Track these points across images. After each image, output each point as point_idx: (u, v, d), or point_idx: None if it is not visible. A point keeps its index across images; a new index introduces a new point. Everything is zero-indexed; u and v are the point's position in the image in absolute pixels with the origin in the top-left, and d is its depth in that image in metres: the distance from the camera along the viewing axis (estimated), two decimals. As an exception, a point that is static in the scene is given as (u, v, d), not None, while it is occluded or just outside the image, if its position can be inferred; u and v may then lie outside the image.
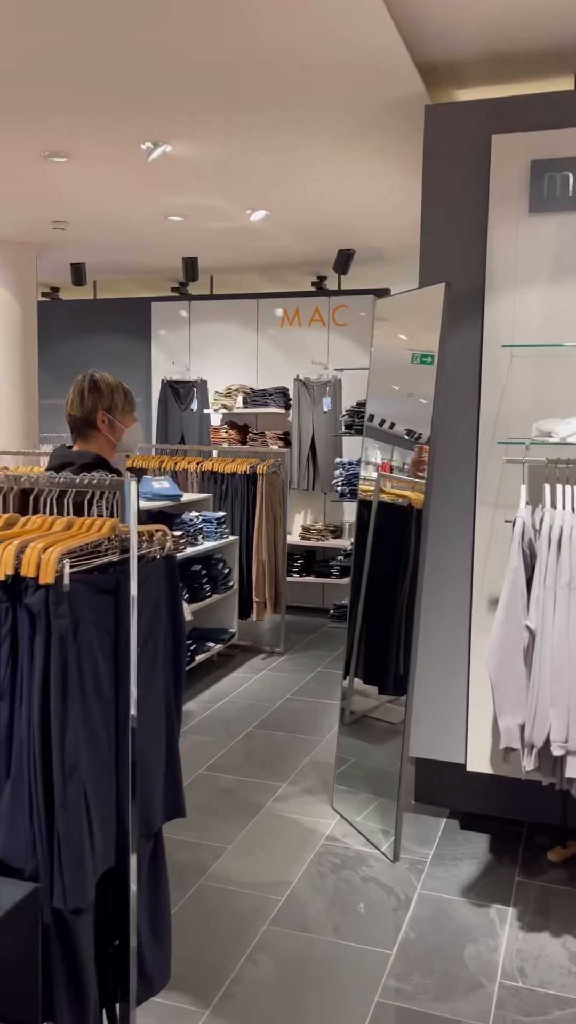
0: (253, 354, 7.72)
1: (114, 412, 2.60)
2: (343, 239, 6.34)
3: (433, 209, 3.39)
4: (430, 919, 2.88)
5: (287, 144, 4.24)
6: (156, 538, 1.84)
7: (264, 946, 2.72)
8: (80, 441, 2.63)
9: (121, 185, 4.92)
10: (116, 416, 2.60)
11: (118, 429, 2.62)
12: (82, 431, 2.62)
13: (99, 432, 2.60)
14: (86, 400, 2.58)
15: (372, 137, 4.12)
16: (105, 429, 2.60)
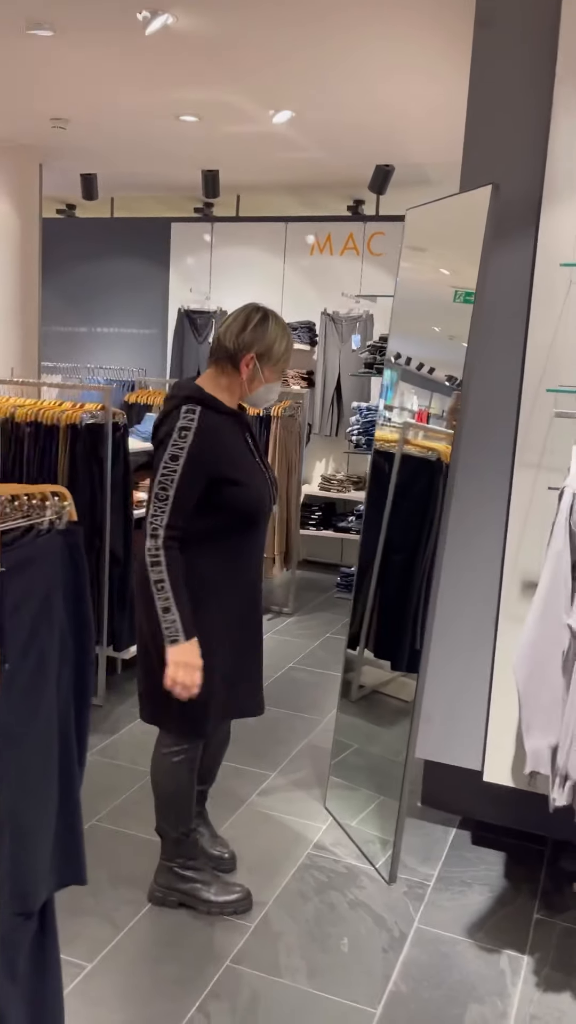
0: (278, 284, 7.05)
1: (264, 362, 2.32)
2: (381, 153, 5.60)
3: (482, 93, 2.72)
4: (427, 966, 2.38)
5: (313, 27, 3.54)
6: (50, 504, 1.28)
7: (220, 991, 2.24)
8: (211, 370, 2.36)
9: (119, 70, 4.25)
10: (264, 367, 2.32)
11: (257, 382, 2.34)
12: (220, 362, 2.34)
13: (237, 373, 2.32)
14: (246, 333, 2.30)
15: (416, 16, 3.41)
16: (246, 374, 2.32)
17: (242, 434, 2.35)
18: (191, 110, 4.86)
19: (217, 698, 2.37)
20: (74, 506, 1.31)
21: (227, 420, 2.29)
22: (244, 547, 2.37)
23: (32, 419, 3.76)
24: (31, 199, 6.09)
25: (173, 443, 2.19)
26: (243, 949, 2.40)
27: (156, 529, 2.19)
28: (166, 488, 2.18)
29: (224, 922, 2.50)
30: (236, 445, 2.31)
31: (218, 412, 2.27)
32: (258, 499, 2.32)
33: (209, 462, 2.21)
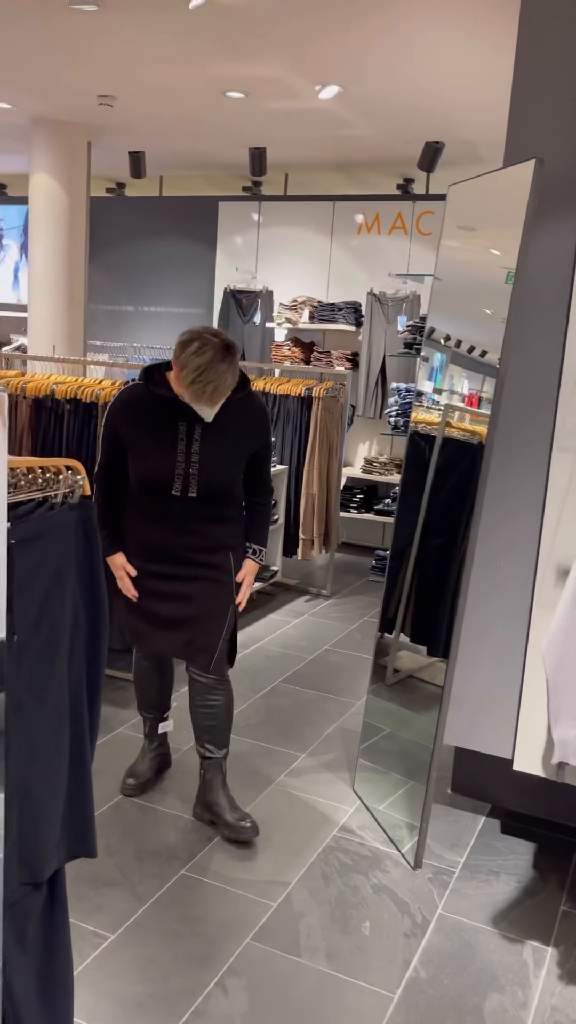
0: (325, 263, 6.98)
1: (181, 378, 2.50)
2: (430, 129, 5.48)
3: (528, 63, 2.63)
4: (448, 953, 2.36)
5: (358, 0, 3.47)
6: (64, 478, 1.28)
7: (240, 968, 2.25)
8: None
9: (164, 46, 4.22)
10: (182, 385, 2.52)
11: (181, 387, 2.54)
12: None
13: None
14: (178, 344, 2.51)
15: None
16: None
17: (173, 420, 2.57)
18: (237, 86, 4.81)
19: (131, 615, 2.79)
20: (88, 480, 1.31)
21: (157, 401, 2.58)
22: (151, 514, 2.67)
23: (72, 396, 3.78)
24: (79, 177, 6.12)
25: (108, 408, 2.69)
26: (264, 927, 2.41)
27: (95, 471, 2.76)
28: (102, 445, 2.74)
29: (247, 900, 2.51)
30: (148, 423, 2.59)
31: (152, 393, 2.57)
32: (145, 478, 2.63)
33: (114, 427, 2.64)
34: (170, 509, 2.63)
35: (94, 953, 2.26)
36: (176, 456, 2.58)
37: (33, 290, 6.22)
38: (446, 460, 3.07)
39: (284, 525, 5.37)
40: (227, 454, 2.65)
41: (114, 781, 3.06)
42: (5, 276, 8.32)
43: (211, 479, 2.62)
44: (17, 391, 3.88)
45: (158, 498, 2.63)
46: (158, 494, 2.62)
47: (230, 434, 2.63)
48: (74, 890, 2.46)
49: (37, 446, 3.87)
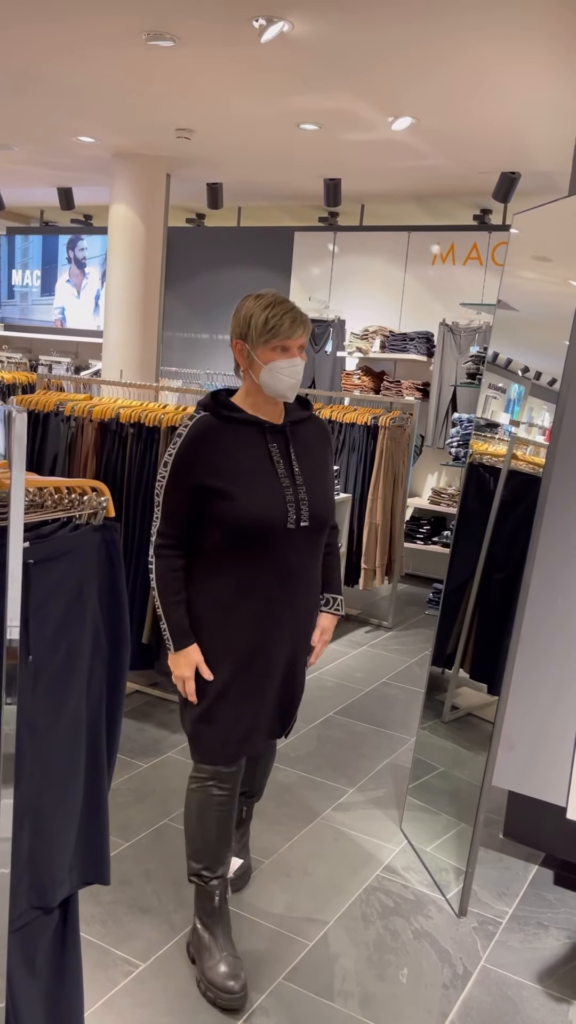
0: (398, 293, 6.96)
1: (252, 343, 2.08)
2: (506, 160, 5.44)
3: (597, 90, 2.57)
4: (489, 1009, 2.25)
5: (429, 30, 3.46)
6: (88, 499, 1.28)
7: (270, 1007, 2.19)
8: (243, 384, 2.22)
9: (238, 79, 4.30)
10: (255, 349, 2.07)
11: (256, 367, 2.08)
12: (236, 369, 2.18)
13: (244, 372, 2.14)
14: (230, 326, 2.15)
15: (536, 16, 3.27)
16: (243, 363, 2.13)
17: (263, 444, 2.11)
18: (310, 118, 4.87)
19: (219, 728, 2.16)
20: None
21: (237, 428, 2.08)
22: (249, 570, 2.08)
23: (135, 420, 3.84)
24: (157, 208, 6.27)
25: (168, 451, 2.10)
26: (297, 967, 2.34)
27: (153, 536, 2.12)
28: (158, 494, 2.09)
29: (283, 936, 2.45)
30: (237, 455, 2.06)
31: (228, 420, 2.08)
32: (256, 516, 2.04)
33: (193, 471, 2.04)
34: (281, 550, 2.09)
35: (124, 980, 2.24)
36: (282, 481, 2.09)
37: (109, 317, 6.38)
38: (511, 493, 2.99)
39: (347, 554, 5.33)
40: (321, 471, 2.21)
41: (160, 804, 3.05)
42: (88, 303, 8.57)
43: (318, 502, 2.15)
44: (83, 415, 3.95)
45: (264, 543, 2.07)
46: (265, 537, 2.06)
47: (315, 451, 2.22)
48: (109, 915, 2.45)
49: (101, 468, 3.93)
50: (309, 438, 2.21)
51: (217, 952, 2.22)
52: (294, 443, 2.15)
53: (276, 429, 2.14)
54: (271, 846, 2.90)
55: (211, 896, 2.27)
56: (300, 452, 2.15)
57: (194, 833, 2.26)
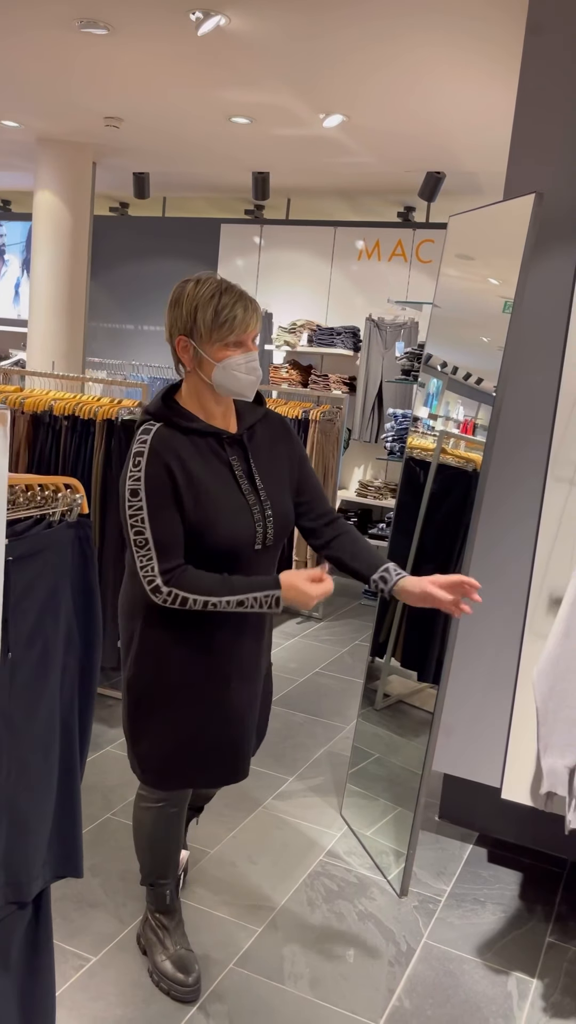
0: (325, 288, 7.04)
1: (199, 338, 1.82)
2: (432, 160, 5.56)
3: (530, 100, 2.68)
4: (432, 983, 2.34)
5: (364, 31, 3.52)
6: (62, 496, 1.29)
7: (223, 993, 2.23)
8: (182, 382, 1.96)
9: (172, 70, 4.28)
10: (204, 344, 1.82)
11: (207, 364, 1.83)
12: (176, 367, 1.93)
13: (189, 371, 1.88)
14: (167, 317, 1.88)
15: (469, 22, 3.37)
16: (190, 362, 1.86)
17: (224, 457, 1.90)
18: (242, 112, 4.88)
19: (180, 757, 2.03)
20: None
21: (196, 440, 1.86)
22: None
23: (70, 412, 3.80)
24: (83, 196, 6.17)
25: (130, 475, 1.79)
26: (247, 953, 2.39)
27: (152, 581, 1.78)
28: (141, 531, 1.77)
29: (231, 924, 2.49)
30: (201, 471, 1.84)
31: (184, 431, 1.85)
32: (227, 539, 1.86)
33: (169, 488, 1.80)
34: (249, 570, 1.92)
35: (76, 975, 2.24)
36: (247, 498, 1.90)
37: (34, 306, 6.25)
38: (440, 486, 3.09)
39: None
40: (280, 477, 2.01)
41: (101, 800, 3.05)
42: (6, 291, 8.36)
43: (281, 518, 1.97)
44: (15, 406, 3.89)
45: (233, 564, 1.89)
46: (233, 560, 1.89)
47: (276, 457, 2.02)
48: (58, 910, 2.44)
49: (34, 462, 3.87)
50: (266, 443, 2.00)
51: (170, 945, 2.25)
52: (253, 453, 1.95)
53: (234, 439, 1.93)
54: (215, 837, 2.94)
55: (163, 895, 2.29)
56: (260, 462, 1.96)
57: (147, 848, 2.23)
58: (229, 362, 1.84)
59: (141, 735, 2.04)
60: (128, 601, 2.01)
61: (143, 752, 2.05)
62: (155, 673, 1.97)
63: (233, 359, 1.84)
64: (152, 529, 1.77)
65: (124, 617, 2.03)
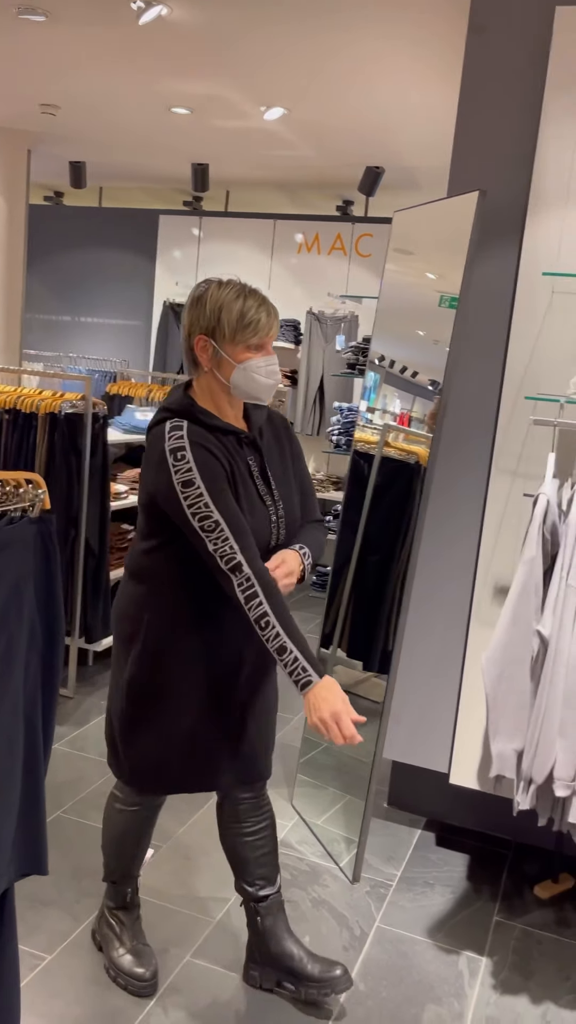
0: (265, 281, 7.05)
1: (221, 338, 1.81)
2: (371, 155, 5.61)
3: (472, 98, 2.73)
4: (387, 966, 2.39)
5: (307, 25, 3.54)
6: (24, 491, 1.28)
7: (180, 986, 2.24)
8: (195, 383, 1.92)
9: (111, 59, 4.23)
10: (225, 345, 1.81)
11: (227, 366, 1.82)
12: (193, 369, 1.90)
13: (206, 372, 1.86)
14: (187, 316, 1.86)
15: (412, 20, 3.41)
16: (208, 363, 1.84)
17: (243, 457, 1.90)
18: (183, 102, 4.84)
19: (175, 761, 1.99)
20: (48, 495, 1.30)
21: (220, 437, 1.86)
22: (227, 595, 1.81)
23: (11, 406, 3.73)
24: (18, 185, 6.05)
25: (175, 469, 1.76)
26: (204, 944, 2.40)
27: (230, 559, 1.72)
28: (208, 515, 1.73)
29: (187, 916, 2.50)
30: (230, 469, 1.85)
31: (208, 428, 1.85)
32: (255, 533, 1.84)
33: (222, 477, 1.79)
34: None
35: (32, 974, 2.22)
36: (264, 499, 1.91)
37: (-32, 297, 6.11)
38: (384, 479, 3.14)
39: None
40: (290, 478, 2.02)
41: (52, 798, 3.01)
42: None
43: (290, 517, 1.98)
44: (-46, 400, 3.80)
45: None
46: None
47: (283, 457, 2.03)
48: (10, 910, 2.42)
49: (-27, 456, 3.80)
50: (274, 443, 2.00)
51: (127, 940, 2.24)
52: (266, 454, 1.96)
53: (250, 439, 1.93)
54: (168, 830, 2.94)
55: (124, 892, 2.28)
56: (272, 464, 1.96)
57: (114, 847, 2.22)
58: (250, 364, 1.84)
59: (135, 738, 2.00)
60: (128, 602, 1.99)
61: (135, 755, 2.01)
62: (156, 673, 1.94)
63: (254, 361, 1.84)
64: (219, 510, 1.74)
65: (122, 619, 2.00)
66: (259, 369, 1.84)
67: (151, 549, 1.91)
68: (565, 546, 2.18)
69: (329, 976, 2.16)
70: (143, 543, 1.95)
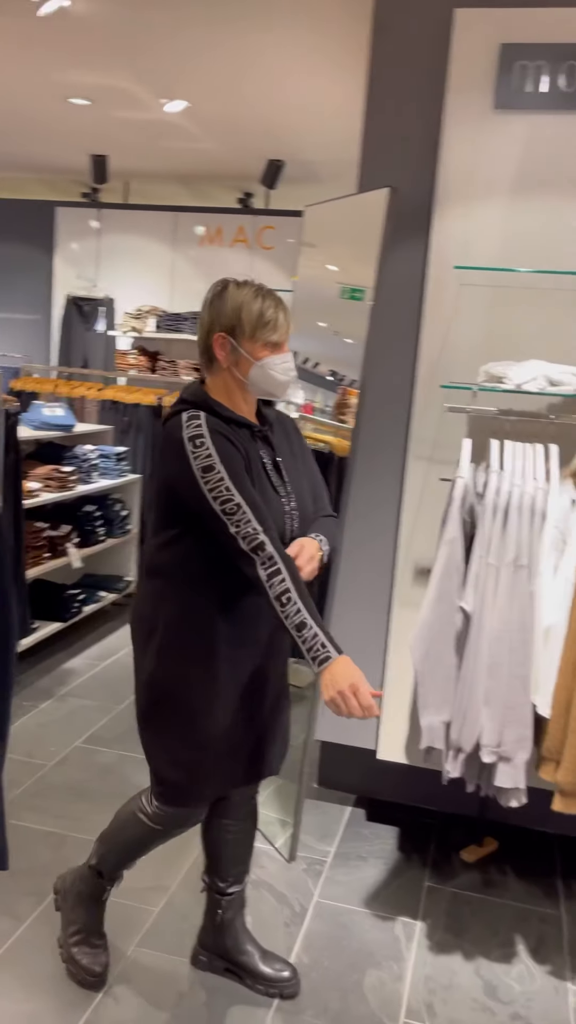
0: (168, 273, 7.02)
1: (240, 335, 1.85)
2: (272, 148, 5.67)
3: (380, 97, 2.82)
4: (327, 937, 2.48)
5: (211, 19, 3.56)
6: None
7: (129, 975, 2.27)
8: (209, 380, 1.94)
9: (8, 48, 4.14)
10: (244, 342, 1.86)
11: (244, 363, 1.87)
12: (208, 366, 1.93)
13: (223, 368, 1.89)
14: (205, 314, 1.90)
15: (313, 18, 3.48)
16: (226, 360, 1.88)
17: (256, 450, 1.94)
18: (82, 93, 4.78)
19: (206, 767, 1.99)
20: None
21: (236, 431, 1.89)
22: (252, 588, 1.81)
23: None
24: None
25: (195, 455, 1.79)
26: (148, 933, 2.43)
27: (252, 539, 1.75)
28: (229, 499, 1.76)
29: (130, 908, 2.52)
30: (247, 460, 1.88)
31: (225, 419, 1.88)
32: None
33: (239, 460, 1.83)
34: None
35: (-24, 977, 2.21)
36: (279, 491, 1.95)
37: None
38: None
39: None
40: (300, 473, 2.05)
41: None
42: None
43: (303, 509, 2.01)
44: None
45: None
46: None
47: (294, 449, 2.07)
48: (-51, 916, 2.39)
49: None
50: (284, 439, 2.04)
51: (86, 932, 2.25)
52: (277, 448, 1.99)
53: (262, 434, 1.97)
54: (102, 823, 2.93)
55: (104, 888, 2.26)
56: (283, 456, 2.00)
57: (120, 850, 2.20)
58: (268, 361, 1.88)
59: (160, 742, 2.00)
60: (143, 600, 2.00)
61: (163, 761, 2.00)
62: (178, 668, 1.94)
63: (272, 359, 1.89)
64: (240, 493, 1.77)
65: (140, 619, 2.00)
66: (276, 366, 1.89)
67: (166, 543, 1.93)
68: (483, 526, 2.30)
69: (278, 977, 2.24)
70: (157, 538, 1.95)
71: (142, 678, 2.00)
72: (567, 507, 2.32)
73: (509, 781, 2.27)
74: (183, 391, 1.95)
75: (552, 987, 2.36)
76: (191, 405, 1.88)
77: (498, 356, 2.59)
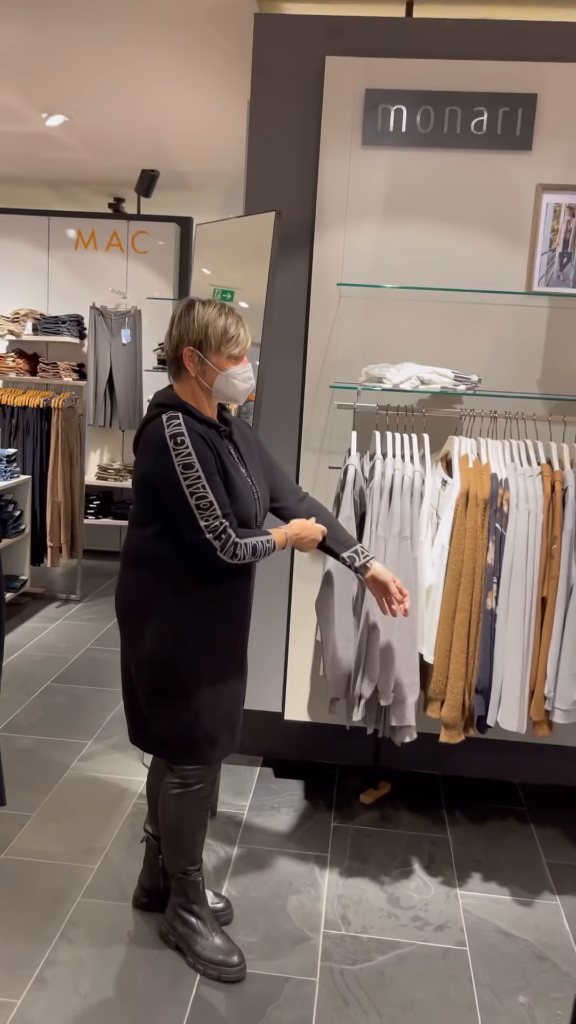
0: (43, 277, 7.11)
1: (207, 349, 2.14)
2: (146, 159, 5.91)
3: (262, 130, 3.16)
4: (252, 874, 2.82)
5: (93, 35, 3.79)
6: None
7: (79, 921, 2.53)
8: (176, 385, 2.22)
9: None
10: (210, 355, 2.14)
11: (211, 373, 2.15)
12: (176, 375, 2.21)
13: (191, 377, 2.17)
14: (175, 330, 2.16)
15: (193, 43, 3.78)
16: (194, 370, 2.16)
17: (224, 446, 2.21)
18: (-39, 105, 4.87)
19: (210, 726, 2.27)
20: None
21: (208, 430, 2.15)
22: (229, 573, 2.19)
23: None
24: None
25: (176, 452, 2.06)
26: (92, 885, 2.69)
27: (216, 529, 2.07)
28: (203, 496, 2.06)
29: (71, 868, 2.77)
30: (219, 456, 2.16)
31: (198, 421, 2.14)
32: (242, 514, 2.19)
33: (212, 457, 2.11)
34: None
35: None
36: (247, 480, 2.25)
37: None
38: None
39: (31, 533, 5.50)
40: (259, 467, 2.35)
41: None
42: None
43: (265, 497, 2.33)
44: None
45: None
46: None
47: (248, 446, 2.35)
48: None
49: None
50: (243, 439, 2.32)
51: (208, 934, 2.38)
52: (240, 445, 2.29)
53: (227, 432, 2.25)
54: (33, 801, 3.16)
55: (195, 884, 2.41)
56: (245, 452, 2.29)
57: (183, 839, 2.37)
58: (231, 371, 2.17)
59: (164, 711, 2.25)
60: (136, 584, 2.25)
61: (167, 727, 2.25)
62: (177, 646, 2.20)
63: (234, 369, 2.18)
64: (212, 492, 2.06)
65: (134, 602, 2.26)
66: (238, 376, 2.18)
67: (158, 533, 2.17)
68: (371, 505, 2.69)
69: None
70: (146, 529, 2.20)
71: (142, 659, 2.25)
72: (438, 487, 2.75)
73: (403, 720, 2.67)
74: (158, 396, 2.22)
75: (444, 894, 2.79)
76: (169, 408, 2.14)
77: (374, 359, 2.99)
